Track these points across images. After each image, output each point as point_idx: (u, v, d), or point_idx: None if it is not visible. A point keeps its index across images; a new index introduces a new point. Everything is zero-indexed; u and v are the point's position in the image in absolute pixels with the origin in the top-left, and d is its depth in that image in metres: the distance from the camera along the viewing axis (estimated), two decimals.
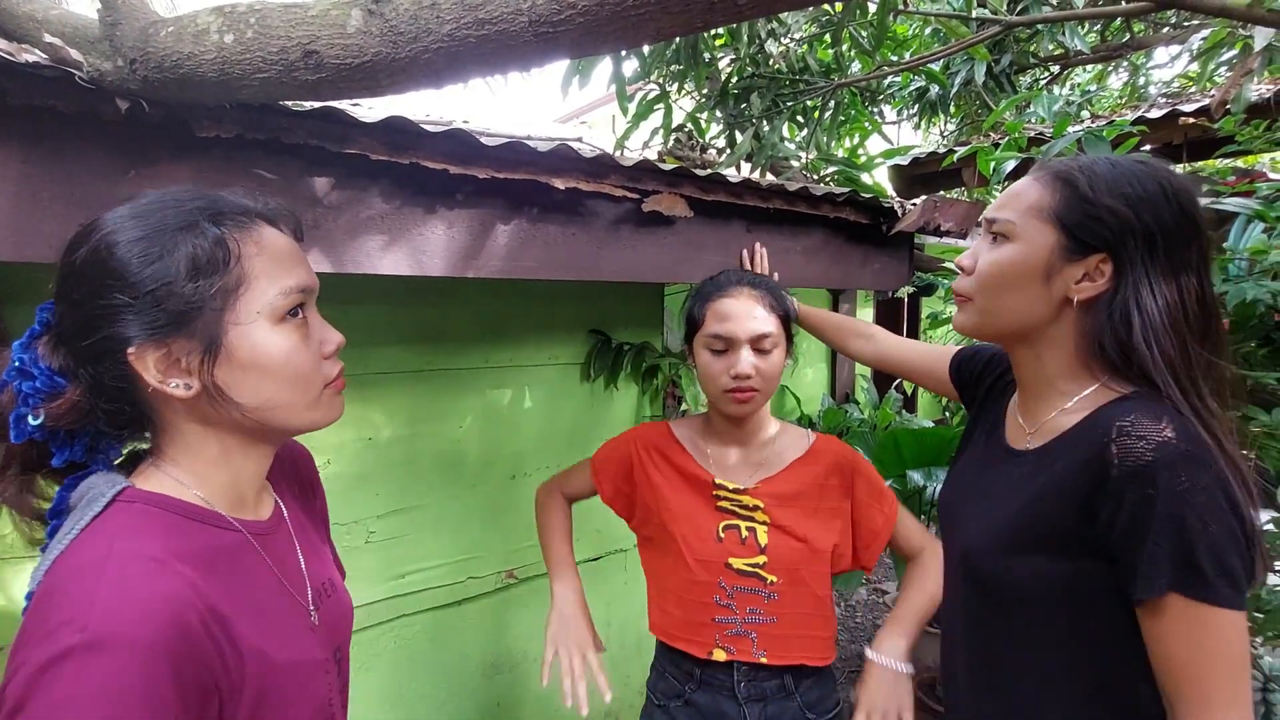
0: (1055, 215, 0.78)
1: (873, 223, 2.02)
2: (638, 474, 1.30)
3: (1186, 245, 0.75)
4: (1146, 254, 0.75)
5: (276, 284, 0.65)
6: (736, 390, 1.14)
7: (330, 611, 0.78)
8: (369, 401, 1.83)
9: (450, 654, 2.01)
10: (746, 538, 1.19)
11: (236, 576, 0.66)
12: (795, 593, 1.18)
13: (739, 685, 1.19)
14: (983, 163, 1.98)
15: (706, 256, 1.73)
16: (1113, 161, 0.79)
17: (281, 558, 0.74)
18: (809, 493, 1.21)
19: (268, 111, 1.08)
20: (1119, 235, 0.75)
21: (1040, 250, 0.79)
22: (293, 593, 0.73)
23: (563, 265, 1.49)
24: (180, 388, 0.62)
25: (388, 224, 1.26)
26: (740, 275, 1.22)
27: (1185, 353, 0.74)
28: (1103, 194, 0.76)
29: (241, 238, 0.64)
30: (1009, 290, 0.81)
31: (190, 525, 0.64)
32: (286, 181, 1.16)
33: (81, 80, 0.87)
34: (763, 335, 1.15)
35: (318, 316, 0.71)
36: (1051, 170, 0.82)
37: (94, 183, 1.01)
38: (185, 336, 0.61)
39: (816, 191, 1.82)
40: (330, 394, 0.71)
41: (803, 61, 2.67)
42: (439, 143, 1.23)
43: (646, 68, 2.29)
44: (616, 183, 1.47)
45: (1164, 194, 0.75)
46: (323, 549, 0.86)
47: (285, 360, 0.65)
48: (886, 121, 4.01)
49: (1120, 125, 1.86)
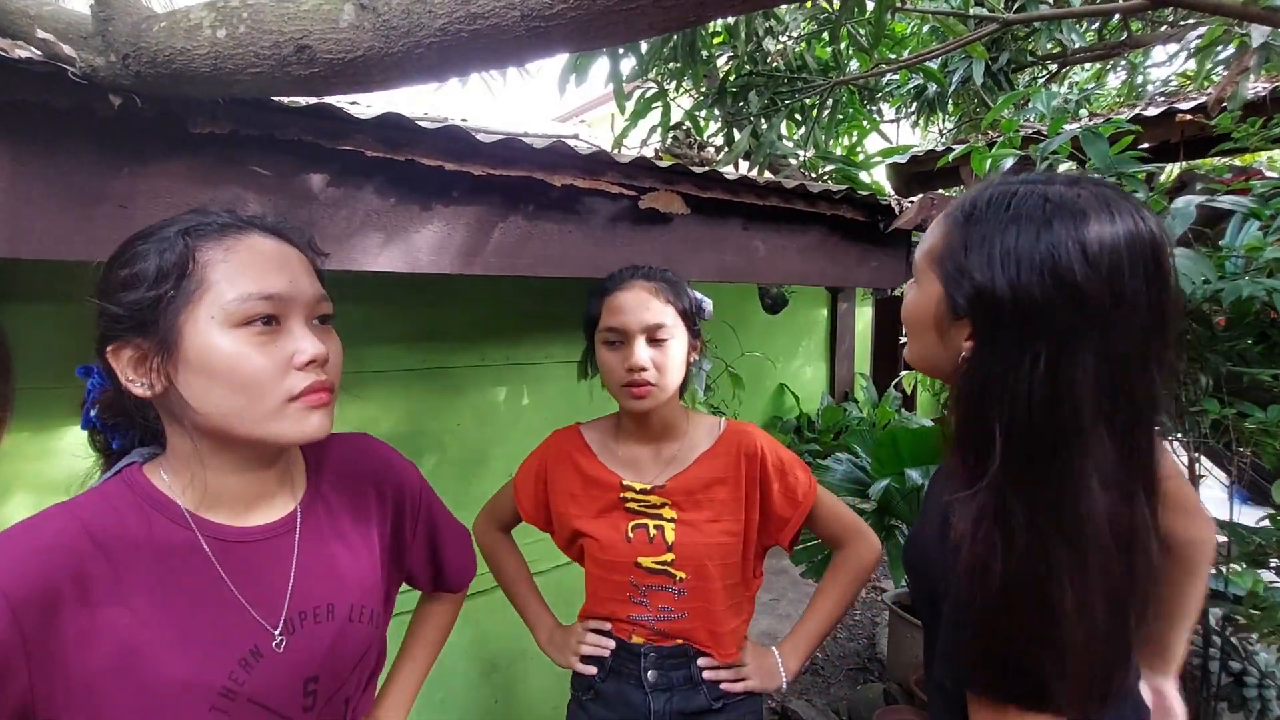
0: (940, 265, 0.70)
1: (870, 220, 2.03)
2: (550, 484, 1.28)
3: (1048, 320, 0.61)
4: (993, 328, 0.64)
5: (236, 289, 0.65)
6: (632, 385, 1.12)
7: (313, 639, 0.73)
8: (367, 400, 1.83)
9: (447, 652, 2.00)
10: (654, 536, 1.19)
11: (162, 573, 0.65)
12: (704, 587, 1.18)
13: (645, 674, 1.20)
14: (977, 162, 1.98)
15: (704, 254, 1.73)
16: (1019, 197, 0.66)
17: (253, 569, 0.71)
18: (717, 484, 1.20)
19: (262, 108, 1.08)
20: (969, 299, 0.66)
21: (929, 304, 0.72)
22: (248, 608, 0.69)
23: (560, 262, 1.49)
24: (142, 387, 0.66)
25: (383, 221, 1.26)
26: (636, 270, 1.19)
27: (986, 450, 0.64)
28: (975, 250, 0.65)
29: (210, 245, 0.66)
30: (916, 335, 0.77)
31: (148, 513, 0.67)
32: (281, 178, 1.15)
33: (74, 76, 0.87)
34: (656, 325, 1.12)
35: (302, 328, 0.69)
36: (954, 206, 0.73)
37: (87, 180, 1.01)
38: (148, 337, 0.65)
39: (813, 189, 1.82)
40: (298, 408, 0.67)
41: (801, 59, 2.67)
42: (434, 139, 1.23)
43: (644, 65, 2.29)
44: (613, 180, 1.47)
45: (1051, 251, 0.61)
46: (357, 571, 0.80)
47: (231, 365, 0.64)
48: (885, 120, 4.01)
49: (1117, 123, 1.86)
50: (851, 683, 3.05)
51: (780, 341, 4.42)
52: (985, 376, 0.64)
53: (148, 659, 0.63)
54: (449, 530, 1.00)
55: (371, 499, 0.86)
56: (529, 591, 1.36)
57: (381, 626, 0.84)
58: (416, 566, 0.95)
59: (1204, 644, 1.71)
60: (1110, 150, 1.61)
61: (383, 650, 0.86)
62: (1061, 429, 0.62)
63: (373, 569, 0.83)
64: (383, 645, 0.85)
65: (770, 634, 3.36)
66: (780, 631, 3.34)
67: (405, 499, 0.90)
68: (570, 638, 1.27)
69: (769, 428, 4.29)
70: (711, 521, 1.19)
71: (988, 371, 0.64)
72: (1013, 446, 0.63)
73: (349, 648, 0.76)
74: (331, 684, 0.75)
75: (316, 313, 0.71)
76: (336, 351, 0.73)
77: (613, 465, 1.24)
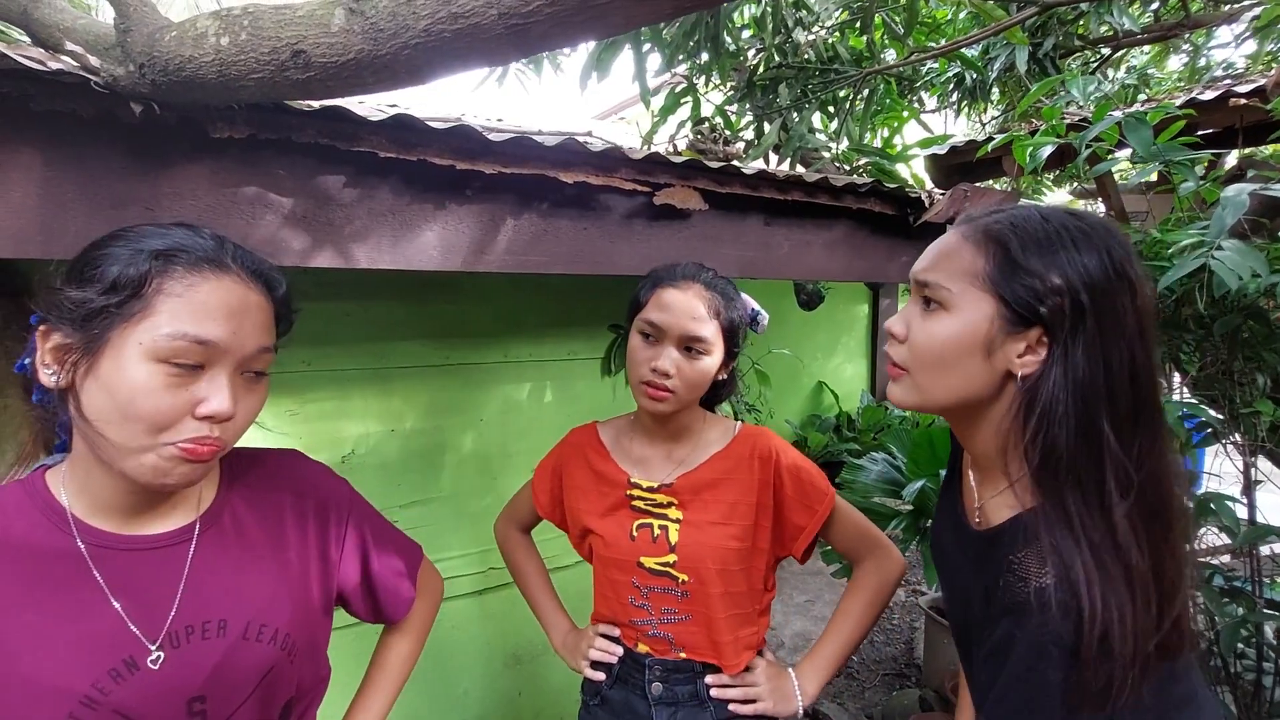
0: (992, 282, 0.71)
1: (899, 214, 1.97)
2: (565, 480, 1.27)
3: (1121, 313, 0.68)
4: (1075, 327, 0.67)
5: (172, 325, 0.65)
6: (650, 384, 1.09)
7: (198, 655, 0.70)
8: (392, 394, 1.88)
9: (472, 644, 2.04)
10: (658, 536, 1.15)
11: (36, 577, 0.66)
12: (707, 591, 1.13)
13: (649, 685, 1.17)
14: (1018, 151, 1.90)
15: (724, 250, 1.71)
16: (1044, 216, 0.72)
17: (136, 579, 0.70)
18: (727, 485, 1.16)
19: (278, 111, 1.11)
20: (1053, 307, 0.68)
21: (980, 324, 0.71)
22: (124, 618, 0.68)
23: (575, 260, 1.50)
24: (50, 375, 0.67)
25: (399, 220, 1.28)
26: (698, 270, 1.14)
27: (1093, 447, 0.67)
28: (1034, 258, 0.69)
29: (174, 277, 0.67)
30: (948, 368, 0.74)
31: (34, 516, 0.69)
32: (299, 180, 1.19)
33: (97, 85, 0.91)
34: (695, 338, 1.08)
35: (221, 379, 0.68)
36: (981, 227, 0.74)
37: (114, 183, 1.06)
38: (77, 334, 0.65)
39: (838, 182, 1.77)
40: (170, 453, 0.66)
41: (832, 50, 2.61)
42: (445, 139, 1.24)
43: (669, 59, 2.27)
44: (627, 176, 1.46)
45: (1099, 255, 0.68)
46: (262, 588, 0.77)
47: (130, 394, 0.64)
48: (927, 110, 3.89)
49: (1166, 108, 1.76)
50: (887, 688, 2.98)
51: (818, 338, 4.35)
52: (1078, 380, 0.67)
53: (8, 659, 0.63)
54: (386, 551, 0.94)
55: (289, 515, 0.83)
56: (545, 594, 1.36)
57: (298, 653, 0.79)
58: (347, 588, 0.89)
59: (1258, 658, 1.61)
60: (1159, 137, 1.52)
61: (307, 681, 0.82)
62: (1157, 412, 0.69)
63: (288, 589, 0.79)
64: (305, 675, 0.81)
65: (805, 636, 3.32)
66: (815, 634, 3.29)
67: (330, 515, 0.87)
68: (581, 641, 1.26)
69: (807, 426, 4.22)
70: (718, 524, 1.15)
71: (1079, 374, 0.67)
72: (1125, 440, 0.66)
73: (243, 668, 0.73)
74: (223, 707, 0.72)
75: (251, 366, 0.71)
76: (250, 410, 0.72)
77: (623, 463, 1.22)
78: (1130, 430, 0.67)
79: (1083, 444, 0.66)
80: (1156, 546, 0.66)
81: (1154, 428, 0.68)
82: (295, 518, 0.83)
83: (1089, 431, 0.66)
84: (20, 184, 1.01)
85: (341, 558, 0.88)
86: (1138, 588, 0.64)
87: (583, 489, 1.24)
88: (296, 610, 0.79)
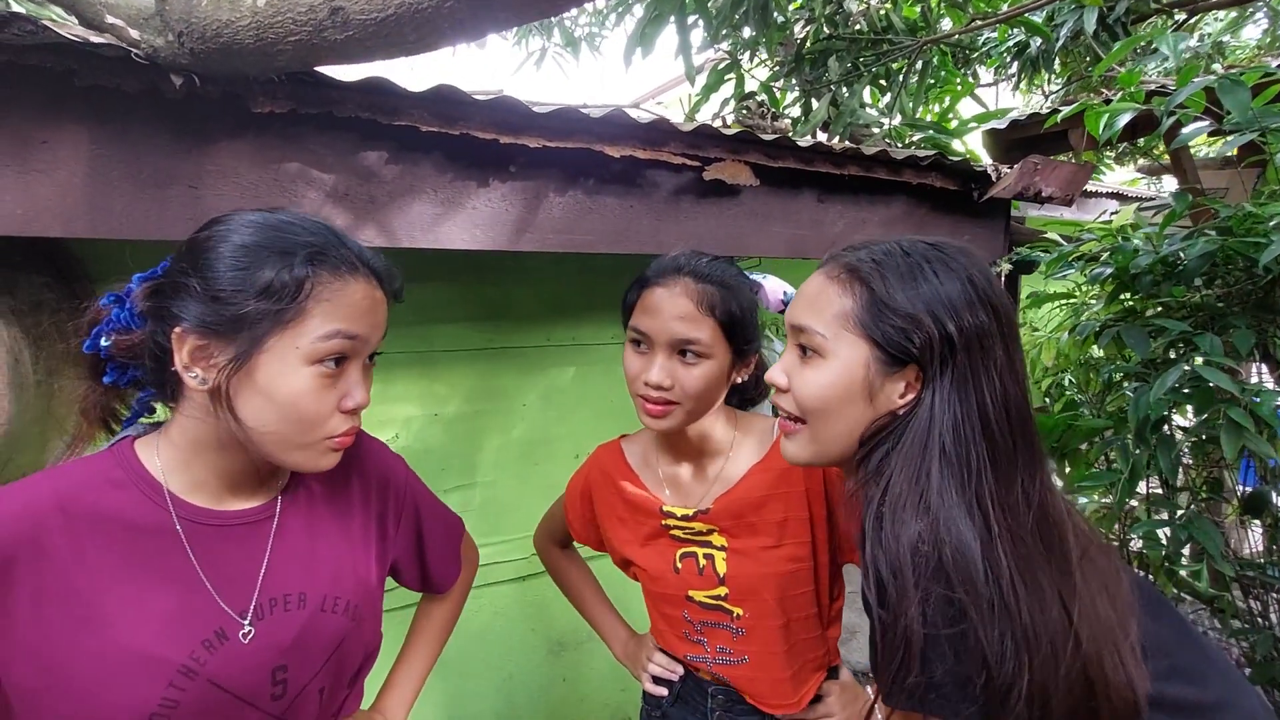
0: (862, 325, 0.71)
1: (962, 190, 1.86)
2: (597, 507, 1.16)
3: (989, 340, 0.68)
4: (945, 360, 0.68)
5: (326, 326, 0.67)
6: (646, 399, 0.96)
7: (281, 627, 0.73)
8: (435, 378, 1.86)
9: (515, 630, 2.03)
10: (704, 567, 1.03)
11: (131, 549, 0.67)
12: (765, 626, 1.02)
13: (711, 714, 1.08)
14: (1091, 121, 1.76)
15: (773, 228, 1.63)
16: (905, 249, 0.72)
17: (225, 553, 0.71)
18: (773, 503, 1.02)
19: (319, 85, 1.08)
20: (922, 343, 0.68)
21: (856, 369, 0.71)
22: (211, 591, 0.70)
23: (621, 239, 1.44)
24: (197, 380, 0.66)
25: (441, 197, 1.25)
26: (686, 262, 0.98)
27: (971, 481, 0.66)
28: (899, 294, 0.69)
29: (324, 281, 0.67)
30: (833, 414, 0.73)
31: (129, 489, 0.68)
32: (340, 156, 1.16)
33: (137, 57, 0.89)
34: (685, 340, 0.93)
35: (358, 373, 0.71)
36: (844, 265, 0.74)
37: (158, 161, 1.04)
38: (225, 341, 0.65)
39: (897, 155, 1.68)
40: (327, 447, 0.70)
41: (886, 20, 2.49)
42: (488, 112, 1.20)
43: (714, 33, 2.19)
44: (676, 150, 1.40)
45: (961, 284, 0.69)
46: (335, 562, 0.80)
47: (294, 400, 0.66)
48: (981, 84, 3.70)
49: (1261, 69, 1.61)
50: None
51: None
52: (952, 408, 0.67)
53: (106, 627, 0.64)
54: (436, 525, 0.98)
55: (355, 490, 0.85)
56: (598, 604, 1.27)
57: (364, 621, 0.81)
58: (402, 560, 0.93)
59: None
60: (1254, 101, 1.39)
61: (370, 648, 0.85)
62: (1035, 444, 0.69)
63: (352, 561, 0.82)
64: (368, 642, 0.83)
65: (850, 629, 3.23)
66: (861, 625, 3.20)
67: (390, 490, 0.90)
68: (641, 651, 1.18)
69: None
70: (770, 548, 1.02)
71: (951, 403, 0.67)
72: (999, 456, 0.66)
73: (320, 638, 0.76)
74: (302, 675, 0.74)
75: (372, 350, 0.74)
76: (369, 392, 0.75)
77: (654, 486, 1.09)
78: (1009, 464, 0.67)
79: (961, 479, 0.66)
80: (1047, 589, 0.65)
81: (1034, 460, 0.69)
82: (360, 492, 0.86)
83: (968, 466, 0.66)
84: (67, 162, 1.00)
85: (398, 531, 0.90)
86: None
87: (618, 517, 1.12)
88: (361, 581, 0.81)
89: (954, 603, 0.62)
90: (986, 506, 0.65)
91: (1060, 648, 0.62)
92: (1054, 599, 0.64)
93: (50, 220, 0.99)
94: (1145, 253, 1.71)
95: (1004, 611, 0.62)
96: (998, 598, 0.62)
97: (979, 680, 0.62)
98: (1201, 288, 1.74)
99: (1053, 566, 0.65)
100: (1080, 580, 0.66)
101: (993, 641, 0.61)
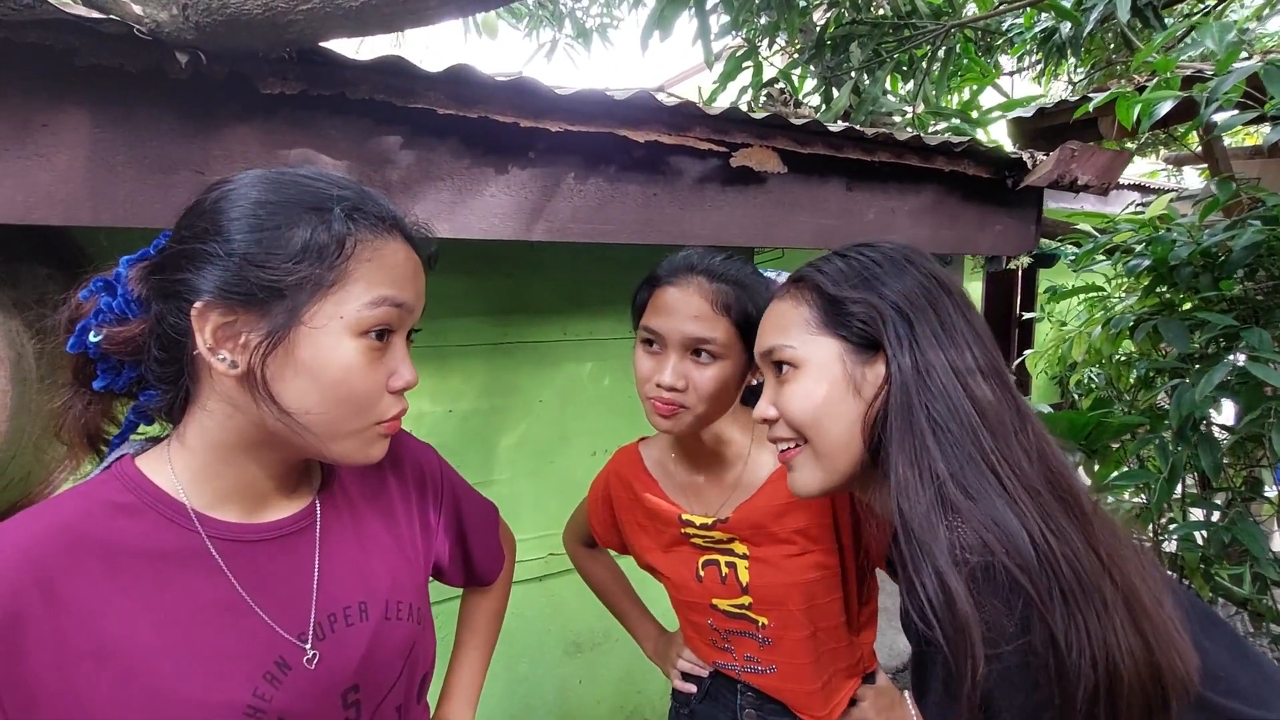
0: (824, 324, 0.73)
1: (995, 178, 1.79)
2: (617, 511, 1.14)
3: (944, 310, 0.71)
4: (901, 331, 0.69)
5: (372, 292, 0.58)
6: (657, 400, 0.93)
7: (347, 644, 0.65)
8: (449, 374, 1.81)
9: (531, 629, 1.99)
10: (727, 575, 1.01)
11: (160, 581, 0.58)
12: (791, 637, 0.99)
13: (741, 712, 1.06)
14: (1123, 110, 1.69)
15: (800, 217, 1.57)
16: (840, 253, 0.76)
17: (269, 572, 0.63)
18: (795, 511, 0.98)
19: (331, 65, 1.03)
20: (886, 319, 0.70)
21: (832, 364, 0.73)
22: (263, 616, 0.61)
23: (644, 228, 1.39)
24: (226, 363, 0.56)
25: (458, 184, 1.19)
26: (700, 258, 0.96)
27: (969, 430, 0.66)
28: (848, 288, 0.72)
29: (364, 240, 0.59)
30: (828, 419, 0.72)
31: (143, 513, 0.59)
32: (353, 142, 1.11)
33: (140, 33, 0.84)
34: (699, 340, 0.91)
35: (403, 348, 0.63)
36: (788, 284, 0.78)
37: (163, 145, 0.99)
38: (256, 313, 0.56)
39: (930, 141, 1.61)
40: (377, 433, 0.62)
41: (910, 4, 2.41)
42: (507, 94, 1.15)
43: (735, 19, 2.13)
44: (702, 135, 1.34)
45: (903, 267, 0.72)
46: (387, 563, 0.72)
47: (343, 376, 0.58)
48: (1003, 73, 3.61)
49: None
50: None
51: None
52: (923, 373, 0.67)
53: (152, 676, 0.55)
54: (475, 512, 0.90)
55: (391, 484, 0.77)
56: (627, 602, 1.25)
57: (426, 622, 0.75)
58: (446, 553, 0.85)
59: None
60: None
61: (433, 648, 0.78)
62: (1006, 377, 0.71)
63: (403, 559, 0.74)
64: (432, 642, 0.77)
65: None
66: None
67: (426, 480, 0.82)
68: (671, 649, 1.16)
69: None
70: (794, 556, 0.98)
71: (921, 369, 0.67)
72: (985, 410, 0.67)
73: (390, 649, 0.68)
74: (376, 693, 0.67)
75: (413, 325, 0.67)
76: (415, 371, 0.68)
77: (672, 493, 1.06)
78: (998, 419, 0.67)
79: (957, 440, 0.66)
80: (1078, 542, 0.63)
81: (1021, 411, 0.69)
82: (397, 485, 0.78)
83: (962, 425, 0.66)
84: (68, 146, 0.95)
85: (439, 522, 0.83)
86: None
87: (638, 524, 1.10)
88: (416, 580, 0.75)
89: (1013, 606, 0.58)
90: (993, 463, 0.64)
91: (1113, 605, 0.59)
92: (1085, 549, 0.61)
93: (51, 208, 0.95)
94: (1184, 244, 1.64)
95: (1054, 577, 0.58)
96: (1052, 567, 0.59)
97: (1054, 693, 0.57)
98: (1243, 279, 1.67)
99: (1072, 517, 0.63)
100: (1100, 525, 0.64)
101: (1059, 621, 0.57)
